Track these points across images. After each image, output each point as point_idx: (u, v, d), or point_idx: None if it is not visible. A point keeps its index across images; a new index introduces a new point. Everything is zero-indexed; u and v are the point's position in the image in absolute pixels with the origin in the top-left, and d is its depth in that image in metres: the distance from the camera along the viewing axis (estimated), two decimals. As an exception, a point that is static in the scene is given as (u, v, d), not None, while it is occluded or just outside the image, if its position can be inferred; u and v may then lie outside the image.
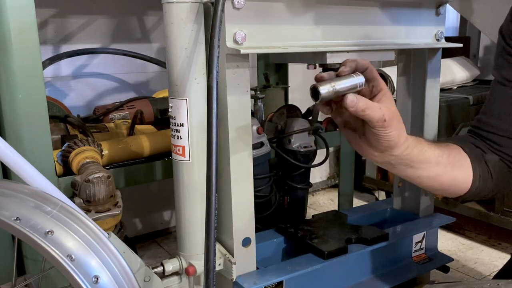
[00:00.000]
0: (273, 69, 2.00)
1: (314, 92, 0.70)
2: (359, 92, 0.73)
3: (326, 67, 0.87)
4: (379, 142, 0.74)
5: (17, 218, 0.61)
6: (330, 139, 1.58)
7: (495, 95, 0.91)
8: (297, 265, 0.95)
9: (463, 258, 1.70)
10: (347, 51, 0.92)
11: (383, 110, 0.72)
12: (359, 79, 0.72)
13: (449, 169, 0.84)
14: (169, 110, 0.87)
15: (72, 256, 0.60)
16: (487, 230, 1.90)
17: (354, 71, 0.73)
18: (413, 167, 0.81)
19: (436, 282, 0.78)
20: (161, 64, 1.69)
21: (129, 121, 1.44)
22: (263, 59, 1.98)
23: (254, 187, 0.90)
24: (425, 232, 1.17)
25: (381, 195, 2.33)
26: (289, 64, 1.97)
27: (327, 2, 0.90)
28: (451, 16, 2.78)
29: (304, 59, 0.95)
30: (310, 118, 1.45)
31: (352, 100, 0.70)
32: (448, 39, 1.10)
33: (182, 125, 0.85)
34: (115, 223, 1.00)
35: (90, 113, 1.61)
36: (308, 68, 1.00)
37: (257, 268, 0.94)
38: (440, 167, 0.83)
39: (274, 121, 1.42)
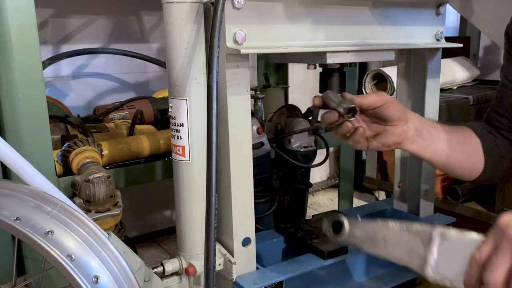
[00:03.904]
0: (273, 69, 2.00)
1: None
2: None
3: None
4: (393, 108, 0.85)
5: (17, 218, 0.61)
6: (330, 139, 1.57)
7: (502, 96, 0.96)
8: (297, 265, 0.95)
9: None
10: (347, 51, 0.92)
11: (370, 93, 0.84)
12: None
13: (462, 144, 0.91)
14: (169, 110, 0.87)
15: (72, 256, 0.60)
16: (487, 230, 1.90)
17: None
18: (434, 136, 0.89)
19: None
20: (161, 64, 1.69)
21: (129, 121, 1.44)
22: (263, 59, 1.99)
23: (254, 187, 0.90)
24: (425, 232, 1.17)
25: (381, 195, 2.33)
26: (289, 64, 1.98)
27: (327, 2, 0.90)
28: (451, 16, 2.78)
29: (304, 59, 0.95)
30: (310, 118, 1.45)
31: (352, 96, 0.83)
32: (448, 39, 1.10)
33: (182, 125, 0.85)
34: (115, 223, 1.00)
35: (90, 113, 1.62)
36: (308, 68, 1.00)
37: (257, 268, 0.94)
38: (453, 140, 0.90)
39: (274, 121, 1.42)
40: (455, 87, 2.21)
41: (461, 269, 0.59)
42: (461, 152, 0.91)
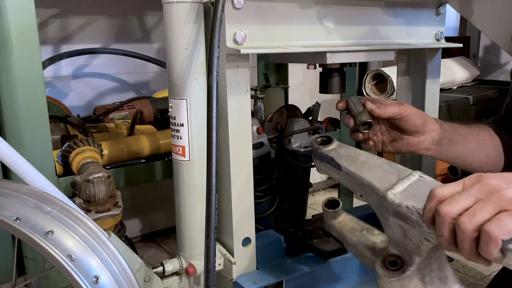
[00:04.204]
0: (273, 69, 2.00)
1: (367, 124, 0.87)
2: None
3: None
4: (412, 122, 0.86)
5: (17, 218, 0.61)
6: (330, 139, 1.57)
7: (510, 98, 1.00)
8: (297, 265, 0.95)
9: (463, 258, 1.70)
10: (347, 51, 0.92)
11: (394, 102, 0.87)
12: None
13: (481, 146, 0.93)
14: (169, 110, 0.87)
15: (72, 256, 0.60)
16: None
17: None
18: (453, 142, 0.91)
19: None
20: (161, 64, 1.69)
21: (129, 121, 1.44)
22: (263, 59, 1.98)
23: (254, 187, 0.90)
24: (425, 232, 1.17)
25: (381, 195, 2.32)
26: (289, 64, 1.98)
27: (327, 2, 0.90)
28: (451, 16, 2.78)
29: (304, 59, 0.95)
30: (310, 118, 1.44)
31: (371, 105, 0.86)
32: (448, 39, 1.10)
33: (182, 125, 0.85)
34: (115, 223, 1.00)
35: (90, 113, 1.61)
36: (308, 68, 1.00)
37: (257, 268, 0.94)
38: (472, 144, 0.92)
39: (274, 121, 1.41)
40: (455, 87, 2.21)
41: (422, 202, 0.57)
42: (480, 153, 0.94)
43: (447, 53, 2.17)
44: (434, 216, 0.54)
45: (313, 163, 1.34)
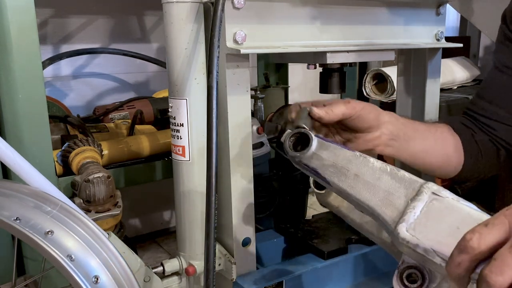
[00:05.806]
0: (273, 69, 2.00)
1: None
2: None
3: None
4: (364, 117, 0.77)
5: (17, 218, 0.61)
6: (330, 139, 1.57)
7: (491, 79, 0.93)
8: (297, 265, 0.95)
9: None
10: (347, 51, 0.92)
11: (340, 101, 0.77)
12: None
13: (439, 144, 0.88)
14: (169, 110, 0.87)
15: (72, 256, 0.60)
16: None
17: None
18: (410, 138, 0.84)
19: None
20: (161, 64, 1.69)
21: (129, 121, 1.44)
22: (263, 59, 1.98)
23: (254, 187, 0.90)
24: (425, 232, 1.17)
25: (381, 195, 2.32)
26: (289, 64, 1.98)
27: (327, 2, 0.90)
28: (451, 16, 2.77)
29: (304, 59, 0.95)
30: (310, 118, 1.44)
31: (318, 112, 0.72)
32: (448, 39, 1.10)
33: (182, 125, 0.85)
34: (115, 223, 1.00)
35: (90, 113, 1.61)
36: (308, 68, 1.00)
37: (257, 268, 0.94)
38: (430, 141, 0.87)
39: (274, 121, 1.41)
40: (455, 87, 2.21)
41: (445, 241, 0.46)
42: (439, 151, 0.89)
43: (447, 53, 2.17)
44: (464, 273, 0.41)
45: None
